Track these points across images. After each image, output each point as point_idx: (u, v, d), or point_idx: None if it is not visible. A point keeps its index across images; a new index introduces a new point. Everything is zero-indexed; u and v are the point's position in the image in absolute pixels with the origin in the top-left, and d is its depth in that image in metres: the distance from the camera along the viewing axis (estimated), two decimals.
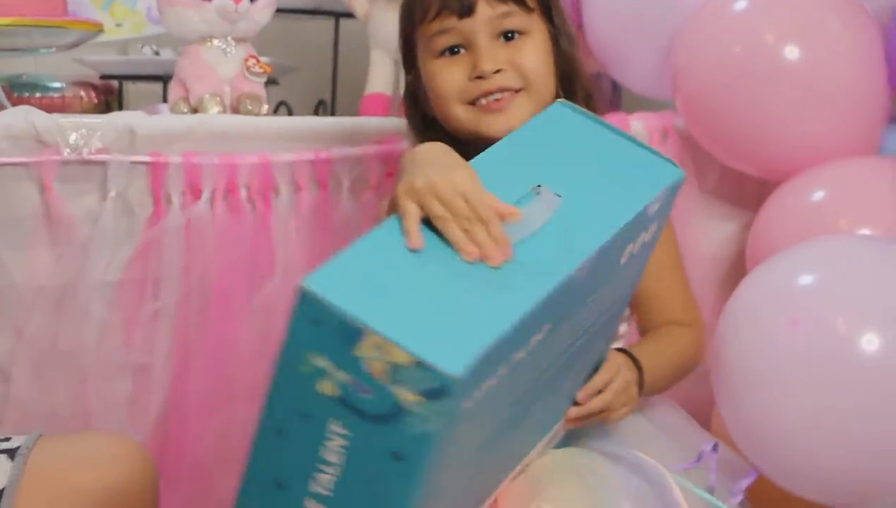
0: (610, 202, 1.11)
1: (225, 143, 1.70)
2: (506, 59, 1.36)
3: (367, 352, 0.92)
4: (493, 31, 1.37)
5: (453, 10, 1.35)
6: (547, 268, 1.03)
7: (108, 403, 1.66)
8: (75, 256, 1.62)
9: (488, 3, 1.36)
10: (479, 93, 1.36)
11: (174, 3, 1.80)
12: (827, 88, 1.74)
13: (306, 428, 0.97)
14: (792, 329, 1.47)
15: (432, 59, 1.39)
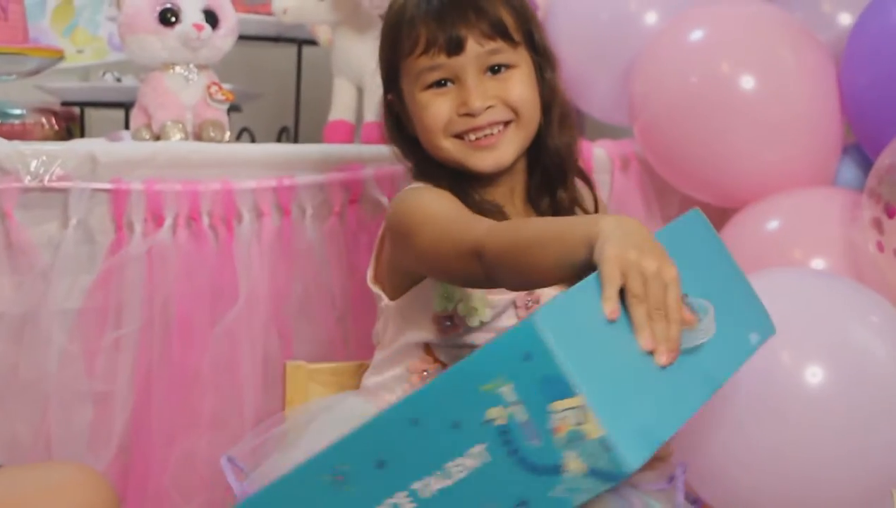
0: (733, 330, 1.13)
1: (187, 170, 1.70)
2: (494, 95, 1.38)
3: (562, 408, 0.91)
4: (480, 67, 1.38)
5: (442, 47, 1.36)
6: (708, 377, 1.06)
7: (70, 431, 1.64)
8: (36, 284, 1.61)
9: (476, 41, 1.37)
10: (468, 128, 1.38)
11: (136, 29, 1.81)
12: (781, 118, 1.76)
13: (447, 435, 0.95)
14: None
15: (420, 91, 1.39)
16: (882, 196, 1.60)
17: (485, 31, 1.37)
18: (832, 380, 1.46)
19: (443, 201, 1.35)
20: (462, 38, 1.36)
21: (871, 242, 1.63)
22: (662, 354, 1.00)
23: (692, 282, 1.07)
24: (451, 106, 1.38)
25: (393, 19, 1.41)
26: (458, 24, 1.36)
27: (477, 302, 1.40)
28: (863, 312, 1.54)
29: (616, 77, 1.95)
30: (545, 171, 1.45)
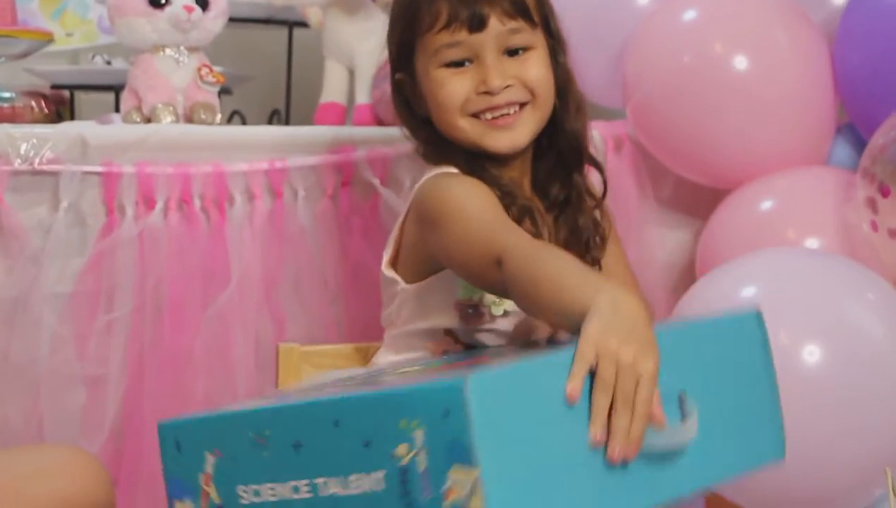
0: (726, 447, 1.11)
1: (178, 153, 1.70)
2: (513, 74, 1.38)
3: (459, 474, 0.91)
4: (500, 47, 1.38)
5: (464, 23, 1.36)
6: (676, 485, 1.03)
7: (62, 415, 1.64)
8: (27, 268, 1.61)
9: (499, 19, 1.37)
10: (486, 107, 1.38)
11: (126, 12, 1.80)
12: (775, 98, 1.76)
13: (359, 448, 0.97)
14: None
15: (436, 68, 1.39)
16: (876, 175, 1.60)
17: (507, 9, 1.37)
18: (829, 359, 1.46)
19: (475, 195, 1.33)
20: (485, 14, 1.36)
21: (866, 222, 1.63)
22: (616, 449, 0.96)
23: (704, 383, 1.06)
24: (469, 84, 1.38)
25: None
26: (481, 0, 1.35)
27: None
28: (859, 290, 1.54)
29: (608, 58, 1.94)
30: (560, 155, 1.45)
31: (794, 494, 1.50)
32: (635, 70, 1.86)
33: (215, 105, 1.84)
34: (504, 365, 0.99)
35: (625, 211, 1.92)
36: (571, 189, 1.45)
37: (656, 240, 1.96)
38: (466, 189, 1.35)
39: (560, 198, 1.45)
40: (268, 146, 1.76)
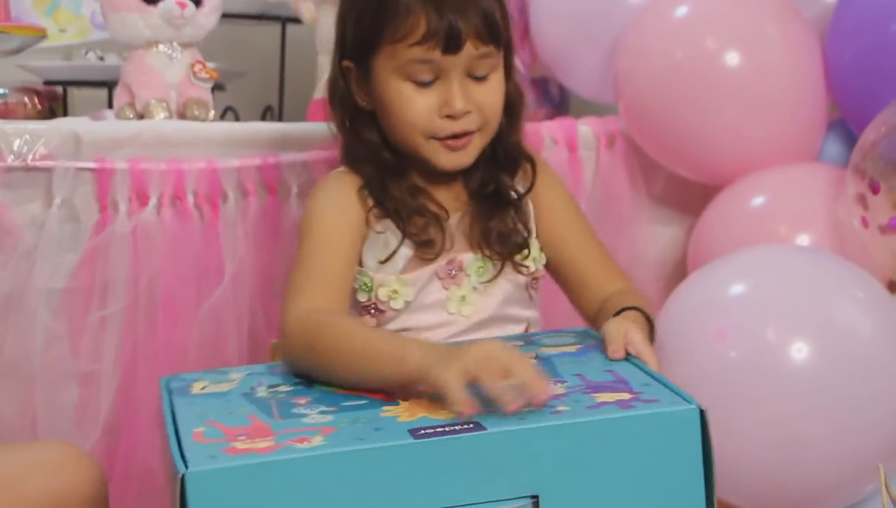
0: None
1: (172, 149, 1.70)
2: (474, 100, 1.39)
3: None
4: (467, 69, 1.38)
5: (439, 43, 1.35)
6: None
7: (55, 411, 1.64)
8: (20, 263, 1.61)
9: (473, 43, 1.36)
10: (447, 134, 1.39)
11: (119, 8, 1.80)
12: (766, 94, 1.77)
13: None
14: (719, 340, 1.50)
15: (401, 80, 1.38)
16: (866, 172, 1.61)
17: (481, 32, 1.36)
18: (817, 356, 1.47)
19: (326, 226, 1.40)
20: (462, 38, 1.35)
21: (856, 218, 1.64)
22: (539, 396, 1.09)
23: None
24: (432, 104, 1.38)
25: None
26: (459, 19, 1.34)
27: (395, 283, 1.42)
28: (848, 288, 1.54)
29: (600, 54, 1.95)
30: (495, 160, 1.46)
31: (785, 491, 1.50)
32: (627, 66, 1.86)
33: (208, 101, 1.84)
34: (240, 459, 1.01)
35: (617, 207, 1.93)
36: (498, 186, 1.46)
37: (648, 237, 1.97)
38: (328, 209, 1.42)
39: (485, 193, 1.46)
40: (261, 142, 1.76)
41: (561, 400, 1.10)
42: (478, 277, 1.44)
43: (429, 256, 1.42)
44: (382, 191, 1.42)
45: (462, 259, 1.44)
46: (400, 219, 1.42)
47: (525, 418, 1.06)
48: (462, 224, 1.46)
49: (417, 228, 1.42)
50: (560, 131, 1.90)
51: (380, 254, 1.42)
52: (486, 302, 1.44)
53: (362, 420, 1.09)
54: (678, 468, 1.06)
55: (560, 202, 1.51)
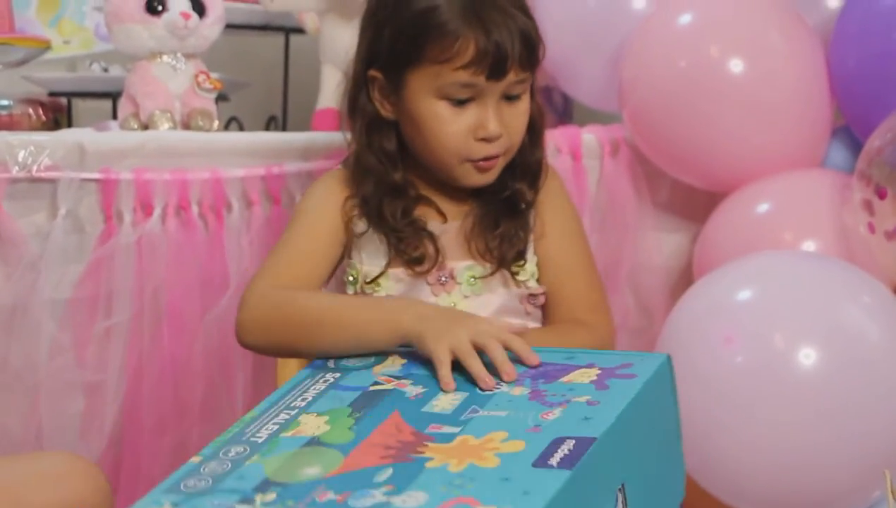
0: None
1: (176, 159, 1.70)
2: (507, 123, 1.39)
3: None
4: (504, 93, 1.38)
5: (486, 69, 1.34)
6: None
7: (61, 421, 1.64)
8: (26, 274, 1.61)
9: (515, 71, 1.36)
10: (482, 157, 1.39)
11: (123, 19, 1.80)
12: (770, 101, 1.76)
13: None
14: (725, 346, 1.49)
15: (437, 98, 1.37)
16: (872, 177, 1.61)
17: (523, 59, 1.36)
18: (825, 362, 1.46)
19: (308, 218, 1.44)
20: (508, 66, 1.35)
21: (862, 224, 1.63)
22: (505, 375, 1.16)
23: (637, 458, 1.11)
24: (467, 126, 1.38)
25: (420, 10, 1.36)
26: (506, 45, 1.34)
27: (381, 277, 1.43)
28: (855, 293, 1.54)
29: (604, 62, 1.95)
30: (514, 173, 1.46)
31: (793, 496, 1.50)
32: (632, 74, 1.86)
33: (212, 111, 1.84)
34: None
35: (621, 215, 1.93)
36: (514, 193, 1.46)
37: (653, 244, 1.96)
38: (314, 203, 1.46)
39: (497, 198, 1.46)
40: (265, 152, 1.76)
41: (544, 397, 1.13)
42: (469, 286, 1.44)
43: (420, 271, 1.43)
44: (376, 211, 1.43)
45: (453, 267, 1.44)
46: (387, 238, 1.43)
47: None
48: (462, 229, 1.46)
49: (409, 247, 1.43)
50: (564, 140, 1.90)
51: (372, 254, 1.44)
52: (477, 311, 1.43)
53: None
54: (664, 409, 1.20)
55: (560, 218, 1.50)
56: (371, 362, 1.26)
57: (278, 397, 1.21)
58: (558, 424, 1.09)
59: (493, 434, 1.09)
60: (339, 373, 1.24)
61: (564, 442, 1.06)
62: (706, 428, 1.50)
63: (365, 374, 1.23)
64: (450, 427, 1.11)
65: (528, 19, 1.37)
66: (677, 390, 1.21)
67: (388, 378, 1.22)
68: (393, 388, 1.19)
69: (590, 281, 1.50)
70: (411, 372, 1.22)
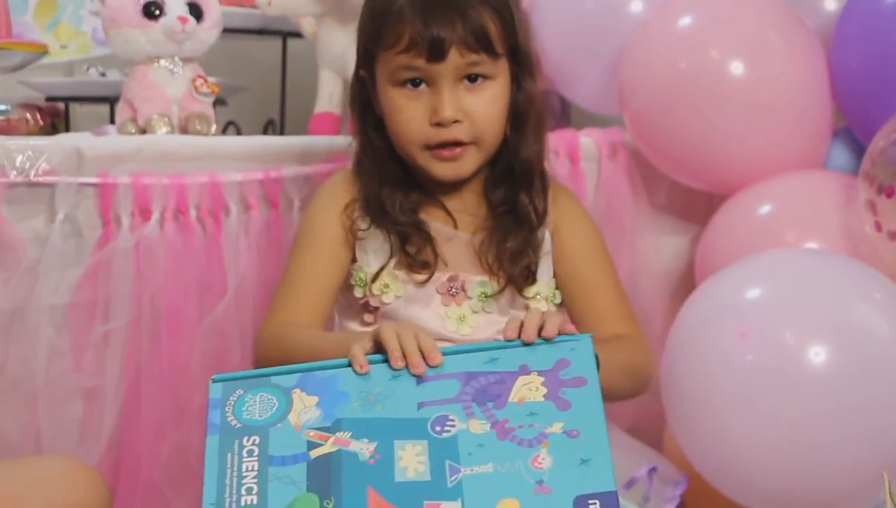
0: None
1: (174, 164, 1.70)
2: (464, 108, 1.39)
3: None
4: (458, 75, 1.39)
5: (423, 51, 1.37)
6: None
7: (59, 426, 1.64)
8: (23, 279, 1.60)
9: (458, 51, 1.37)
10: (439, 141, 1.40)
11: (120, 23, 1.80)
12: (771, 103, 1.76)
13: None
14: (741, 341, 1.49)
15: (393, 86, 1.41)
16: (876, 177, 1.61)
17: (469, 41, 1.37)
18: (836, 359, 1.46)
19: (314, 239, 1.46)
20: (445, 45, 1.36)
21: (868, 224, 1.63)
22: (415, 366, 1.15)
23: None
24: (422, 112, 1.40)
25: (379, 3, 1.41)
26: (443, 29, 1.36)
27: (388, 277, 1.44)
28: (865, 290, 1.53)
29: (603, 66, 1.95)
30: (511, 174, 1.46)
31: (802, 494, 1.49)
32: (631, 78, 1.86)
33: (210, 115, 1.84)
34: None
35: (619, 218, 1.93)
36: (516, 205, 1.46)
37: (651, 247, 1.96)
38: (312, 224, 1.48)
39: (501, 211, 1.47)
40: (263, 156, 1.76)
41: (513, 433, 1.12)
42: (479, 301, 1.44)
43: (420, 274, 1.43)
44: (379, 209, 1.44)
45: (465, 279, 1.44)
46: (389, 236, 1.44)
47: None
48: (473, 242, 1.46)
49: (412, 246, 1.43)
50: (562, 143, 1.90)
51: (377, 251, 1.45)
52: (485, 327, 1.44)
53: None
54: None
55: (580, 235, 1.50)
56: (279, 409, 1.15)
57: (217, 493, 1.09)
58: (561, 476, 1.08)
59: (504, 502, 1.06)
60: (256, 436, 1.13)
61: (589, 503, 1.06)
62: (716, 426, 1.50)
63: (287, 432, 1.13)
64: (449, 503, 1.07)
65: (483, 4, 1.37)
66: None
67: (319, 434, 1.13)
68: (338, 450, 1.11)
69: (618, 291, 1.50)
70: (338, 418, 1.13)
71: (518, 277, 1.44)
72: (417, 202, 1.46)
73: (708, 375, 1.51)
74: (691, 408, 1.54)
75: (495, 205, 1.47)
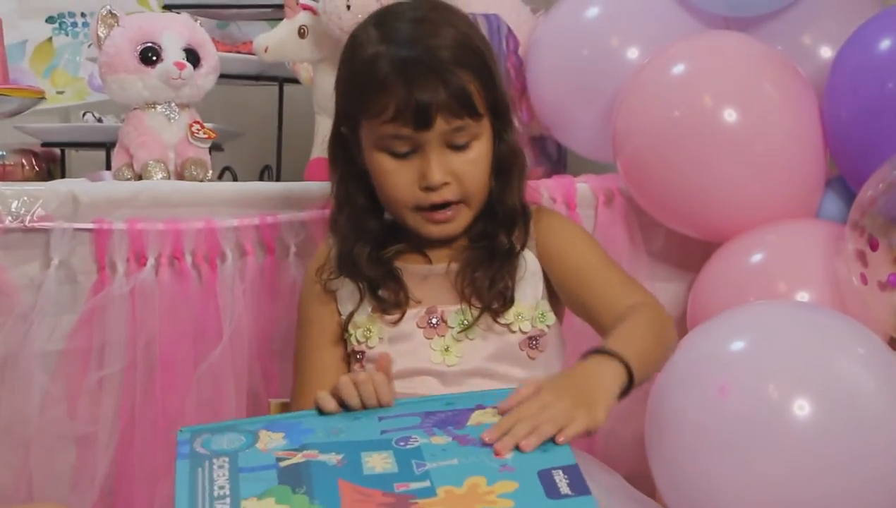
0: None
1: (169, 209, 1.70)
2: (452, 171, 1.41)
3: None
4: (444, 141, 1.41)
5: (409, 120, 1.38)
6: None
7: (52, 474, 1.63)
8: (17, 325, 1.60)
9: (444, 119, 1.39)
10: (429, 204, 1.42)
11: (117, 69, 1.80)
12: (764, 151, 1.77)
13: None
14: (719, 396, 1.49)
15: (379, 152, 1.42)
16: (865, 228, 1.61)
17: (453, 107, 1.39)
18: (819, 413, 1.45)
19: (306, 329, 1.52)
20: (431, 113, 1.38)
21: (855, 275, 1.63)
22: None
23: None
24: (411, 176, 1.42)
25: (360, 66, 1.42)
26: (428, 97, 1.37)
27: (367, 322, 1.47)
28: (849, 344, 1.53)
29: (598, 113, 1.95)
30: (493, 219, 1.48)
31: None
32: (625, 124, 1.87)
33: (206, 161, 1.84)
34: None
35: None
36: (494, 242, 1.47)
37: None
38: (304, 313, 1.53)
39: (479, 245, 1.48)
40: (259, 202, 1.76)
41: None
42: (460, 330, 1.45)
43: (392, 315, 1.46)
44: (351, 265, 1.47)
45: (443, 310, 1.46)
46: (358, 284, 1.47)
47: None
48: (450, 272, 1.47)
49: (385, 291, 1.47)
50: (558, 189, 1.90)
51: (350, 295, 1.48)
52: (470, 354, 1.45)
53: None
54: None
55: (567, 238, 1.51)
56: (246, 442, 1.20)
57: (189, 501, 1.11)
58: (523, 459, 1.12)
59: (472, 479, 1.10)
60: (225, 457, 1.17)
61: (553, 473, 1.09)
62: (699, 478, 1.49)
63: (256, 453, 1.17)
64: (417, 483, 1.10)
65: (464, 69, 1.39)
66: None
67: (287, 452, 1.17)
68: (305, 461, 1.15)
69: (615, 270, 1.51)
70: (303, 442, 1.18)
71: (494, 303, 1.45)
72: (392, 252, 1.49)
73: (690, 428, 1.50)
74: (674, 460, 1.53)
75: (473, 239, 1.49)
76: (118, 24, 1.81)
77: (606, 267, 1.50)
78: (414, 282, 1.48)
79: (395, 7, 1.49)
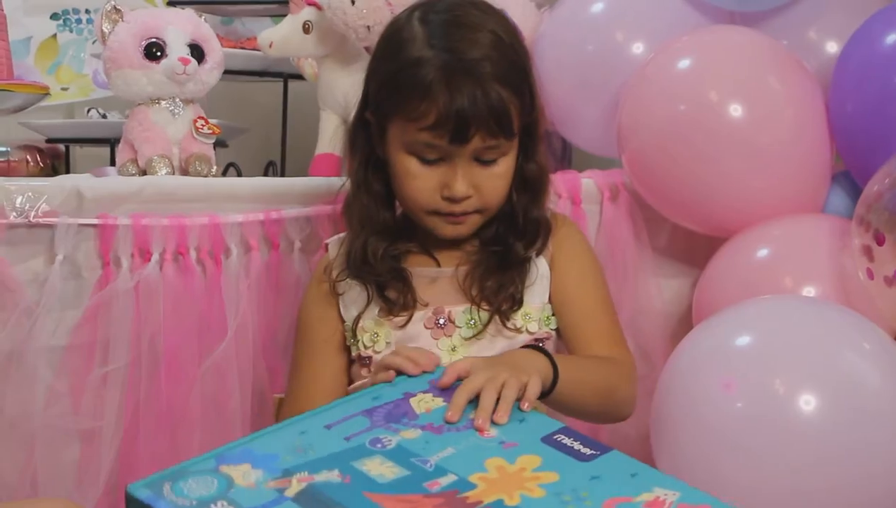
0: None
1: (174, 205, 1.70)
2: (476, 184, 1.42)
3: None
4: (474, 156, 1.41)
5: (448, 133, 1.38)
6: None
7: (57, 469, 1.63)
8: (22, 321, 1.60)
9: (481, 137, 1.39)
10: (447, 212, 1.43)
11: (122, 65, 1.80)
12: (770, 146, 1.76)
13: None
14: (725, 391, 1.48)
15: (407, 155, 1.42)
16: (871, 223, 1.60)
17: (491, 127, 1.39)
18: (825, 408, 1.45)
19: (308, 333, 1.52)
20: (471, 133, 1.38)
21: (861, 269, 1.63)
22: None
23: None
24: (434, 183, 1.42)
25: (404, 65, 1.40)
26: (470, 113, 1.36)
27: (373, 327, 1.47)
28: (855, 339, 1.53)
29: (603, 108, 1.95)
30: (515, 229, 1.49)
31: None
32: (630, 119, 1.86)
33: (211, 157, 1.84)
34: None
35: (621, 260, 1.92)
36: (510, 250, 1.48)
37: (653, 289, 1.96)
38: (305, 316, 1.54)
39: (492, 249, 1.49)
40: (263, 197, 1.76)
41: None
42: (468, 329, 1.45)
43: (400, 317, 1.46)
44: (361, 259, 1.47)
45: (450, 310, 1.46)
46: (366, 285, 1.47)
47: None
48: (459, 274, 1.48)
49: (392, 292, 1.47)
50: (563, 185, 1.90)
51: (356, 300, 1.48)
52: (477, 354, 1.44)
53: None
54: None
55: (576, 263, 1.52)
56: (220, 483, 1.06)
57: None
58: (513, 432, 1.14)
59: (492, 461, 1.10)
60: (222, 501, 1.03)
61: (557, 438, 1.12)
62: (704, 474, 1.48)
63: (247, 491, 1.04)
64: (444, 478, 1.08)
65: (507, 88, 1.38)
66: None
67: (278, 481, 1.06)
68: (308, 485, 1.06)
69: (610, 318, 1.52)
70: (284, 468, 1.08)
71: (502, 306, 1.46)
72: (402, 249, 1.49)
73: (695, 423, 1.50)
74: (680, 455, 1.53)
75: (485, 242, 1.49)
76: (122, 19, 1.81)
77: (601, 306, 1.52)
78: (422, 285, 1.48)
79: (439, 5, 1.45)
